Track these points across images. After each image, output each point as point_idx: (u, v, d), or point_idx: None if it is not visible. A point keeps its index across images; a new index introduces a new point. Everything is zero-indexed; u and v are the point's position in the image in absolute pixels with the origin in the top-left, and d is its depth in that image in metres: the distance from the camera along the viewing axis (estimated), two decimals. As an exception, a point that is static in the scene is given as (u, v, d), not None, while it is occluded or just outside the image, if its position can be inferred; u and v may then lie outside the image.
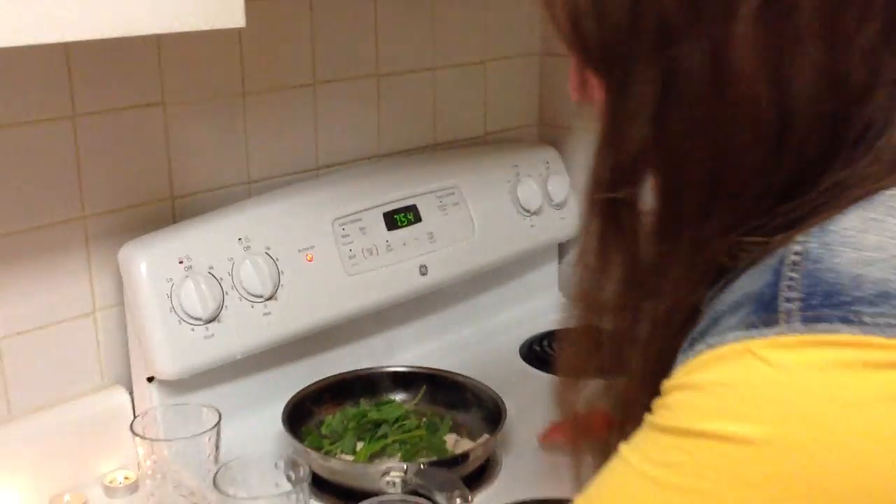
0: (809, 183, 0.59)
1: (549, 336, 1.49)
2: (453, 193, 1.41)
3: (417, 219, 1.35)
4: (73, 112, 1.10)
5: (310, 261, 1.23)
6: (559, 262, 1.63)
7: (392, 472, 1.03)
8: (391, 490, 1.02)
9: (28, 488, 1.10)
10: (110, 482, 1.14)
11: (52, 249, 1.11)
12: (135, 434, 1.02)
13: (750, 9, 0.56)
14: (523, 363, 1.42)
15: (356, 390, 1.25)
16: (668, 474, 0.55)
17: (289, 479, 0.99)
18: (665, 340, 0.64)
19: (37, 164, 1.08)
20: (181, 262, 1.13)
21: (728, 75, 0.58)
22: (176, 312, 1.11)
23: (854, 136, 0.59)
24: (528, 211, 1.48)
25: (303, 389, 1.20)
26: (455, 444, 1.17)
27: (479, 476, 1.13)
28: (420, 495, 1.00)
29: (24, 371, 1.11)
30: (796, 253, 0.56)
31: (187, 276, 1.12)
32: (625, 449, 0.59)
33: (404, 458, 1.12)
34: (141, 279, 1.11)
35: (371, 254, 1.29)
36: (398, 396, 1.26)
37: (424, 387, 1.25)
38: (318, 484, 1.09)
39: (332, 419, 1.19)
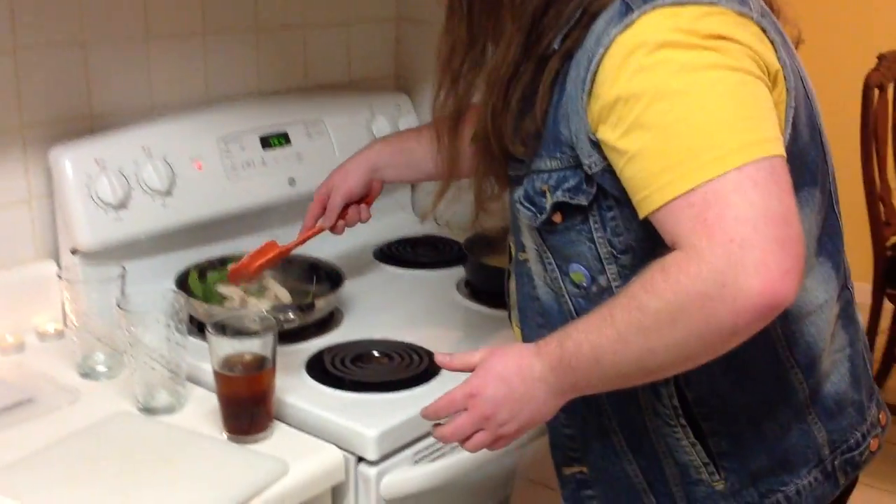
0: None
1: (399, 242, 1.87)
2: (319, 124, 1.78)
3: (288, 142, 1.73)
4: (14, 45, 1.45)
5: (199, 168, 1.59)
6: (412, 188, 2.02)
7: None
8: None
9: (-23, 332, 1.45)
10: (42, 330, 1.50)
11: (-2, 150, 1.47)
12: (62, 279, 1.38)
13: None
14: (374, 260, 1.80)
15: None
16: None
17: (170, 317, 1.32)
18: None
19: (-14, 84, 1.43)
20: (97, 163, 1.49)
21: None
22: (93, 200, 1.47)
23: None
24: (380, 141, 1.85)
25: (193, 264, 1.56)
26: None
27: (328, 321, 1.51)
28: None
29: (-25, 242, 1.46)
30: None
31: (101, 173, 1.48)
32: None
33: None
34: (66, 174, 1.47)
35: (249, 166, 1.66)
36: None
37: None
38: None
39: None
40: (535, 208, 1.06)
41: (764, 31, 0.97)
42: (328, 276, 1.58)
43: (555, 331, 1.02)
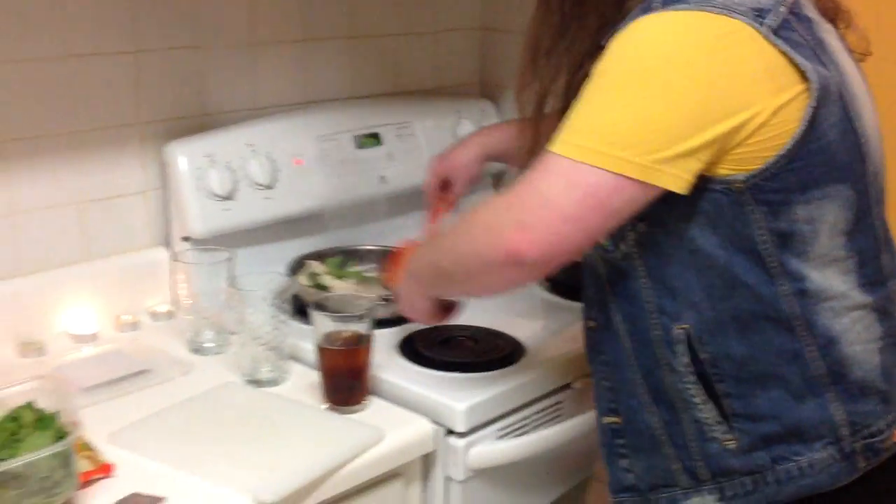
0: None
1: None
2: (408, 126, 1.89)
3: (379, 142, 1.84)
4: (136, 48, 1.58)
5: (299, 164, 1.71)
6: (494, 189, 2.11)
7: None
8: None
9: (100, 311, 1.57)
10: (155, 311, 1.63)
11: (119, 144, 1.60)
12: (177, 261, 1.50)
13: None
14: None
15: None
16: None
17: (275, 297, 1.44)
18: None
19: (112, 84, 1.57)
20: (207, 157, 1.61)
21: None
22: (203, 191, 1.60)
23: None
24: (465, 144, 1.96)
25: (304, 254, 1.68)
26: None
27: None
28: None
29: (97, 227, 1.59)
30: None
31: (211, 167, 1.61)
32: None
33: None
34: (180, 167, 1.59)
35: (343, 164, 1.78)
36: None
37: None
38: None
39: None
40: None
41: (770, 41, 1.05)
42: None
43: (594, 299, 1.23)
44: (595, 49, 1.14)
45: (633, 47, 1.07)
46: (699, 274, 1.12)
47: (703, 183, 1.07)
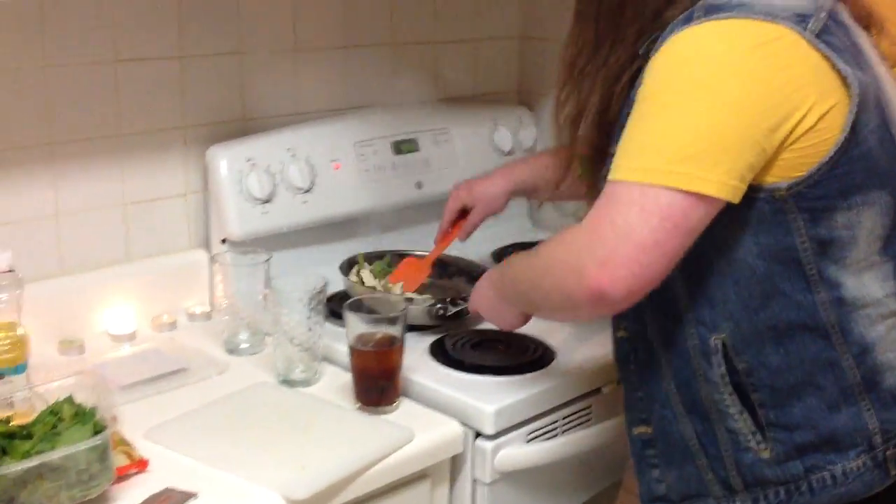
0: None
1: (515, 246, 1.97)
2: (445, 133, 1.91)
3: (417, 149, 1.86)
4: (181, 54, 1.62)
5: (337, 168, 1.74)
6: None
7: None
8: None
9: (139, 310, 1.61)
10: (192, 311, 1.66)
11: (162, 147, 1.64)
12: (215, 262, 1.54)
13: None
14: (493, 261, 1.91)
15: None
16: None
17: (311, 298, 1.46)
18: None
19: (157, 89, 1.61)
20: (248, 161, 1.64)
21: None
22: (243, 194, 1.63)
23: None
24: (502, 151, 1.98)
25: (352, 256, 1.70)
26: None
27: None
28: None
29: (138, 229, 1.63)
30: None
31: (252, 171, 1.64)
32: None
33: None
34: (221, 171, 1.63)
35: (381, 169, 1.80)
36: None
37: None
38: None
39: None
40: None
41: (814, 46, 1.06)
42: (461, 273, 1.72)
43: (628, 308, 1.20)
44: (631, 59, 1.15)
45: (682, 61, 1.07)
46: (737, 284, 1.13)
47: (747, 192, 1.08)
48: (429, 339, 1.52)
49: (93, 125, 1.55)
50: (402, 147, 1.84)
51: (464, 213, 1.65)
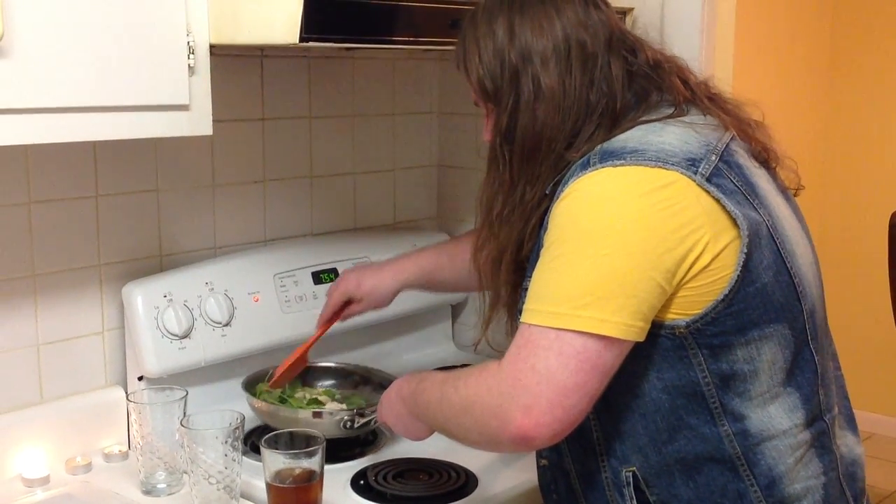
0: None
1: (440, 370, 1.98)
2: (366, 261, 1.93)
3: (338, 277, 1.87)
4: (97, 193, 1.63)
5: (256, 301, 1.74)
6: (452, 321, 2.14)
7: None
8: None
9: (51, 452, 1.57)
10: (108, 451, 1.62)
11: (78, 286, 1.62)
12: (130, 401, 1.51)
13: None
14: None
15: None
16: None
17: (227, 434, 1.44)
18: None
19: (73, 228, 1.61)
20: (165, 296, 1.64)
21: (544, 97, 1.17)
22: (160, 330, 1.62)
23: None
24: (423, 277, 1.99)
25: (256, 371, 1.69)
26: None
27: (370, 441, 1.61)
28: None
29: (53, 369, 1.60)
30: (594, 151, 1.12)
31: (169, 306, 1.63)
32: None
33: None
34: (137, 308, 1.62)
35: (301, 300, 1.81)
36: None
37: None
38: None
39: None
40: None
41: (705, 189, 1.10)
42: (366, 382, 1.74)
43: None
44: (540, 200, 1.19)
45: (582, 207, 1.11)
46: (644, 418, 1.15)
47: (650, 328, 1.10)
48: (350, 471, 1.50)
49: (5, 266, 1.54)
50: (323, 277, 1.85)
51: (348, 302, 1.65)
